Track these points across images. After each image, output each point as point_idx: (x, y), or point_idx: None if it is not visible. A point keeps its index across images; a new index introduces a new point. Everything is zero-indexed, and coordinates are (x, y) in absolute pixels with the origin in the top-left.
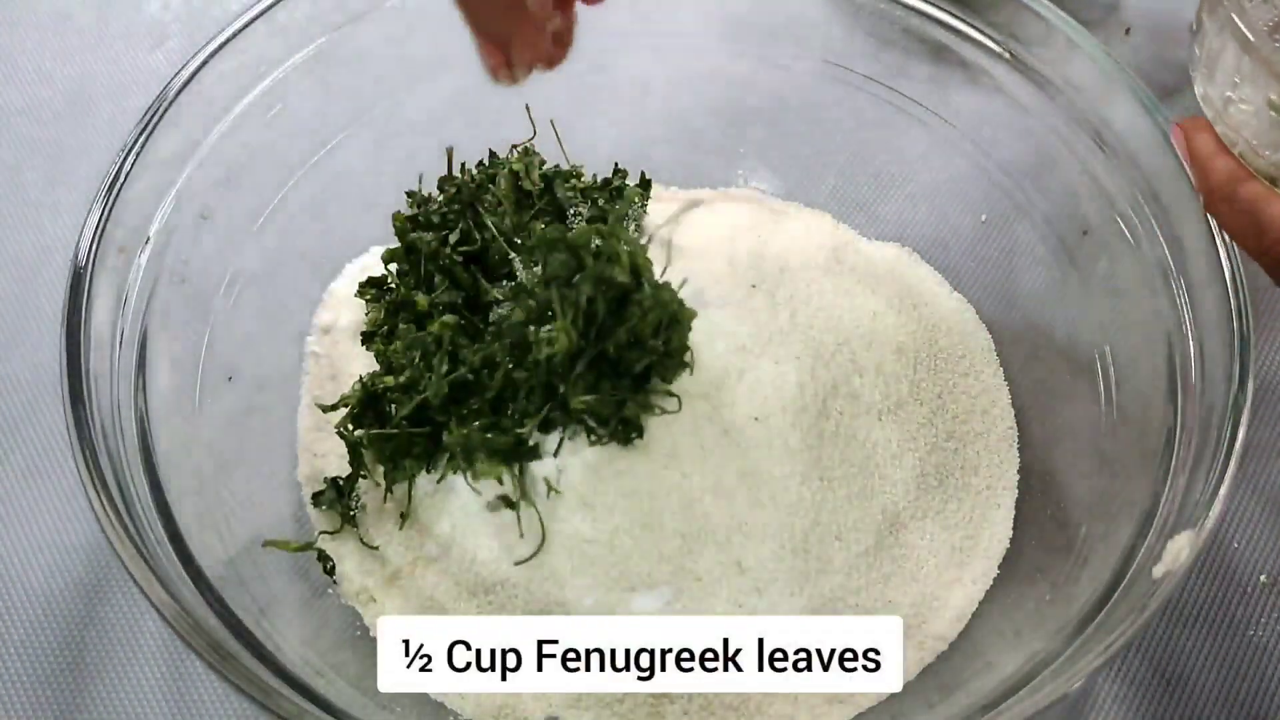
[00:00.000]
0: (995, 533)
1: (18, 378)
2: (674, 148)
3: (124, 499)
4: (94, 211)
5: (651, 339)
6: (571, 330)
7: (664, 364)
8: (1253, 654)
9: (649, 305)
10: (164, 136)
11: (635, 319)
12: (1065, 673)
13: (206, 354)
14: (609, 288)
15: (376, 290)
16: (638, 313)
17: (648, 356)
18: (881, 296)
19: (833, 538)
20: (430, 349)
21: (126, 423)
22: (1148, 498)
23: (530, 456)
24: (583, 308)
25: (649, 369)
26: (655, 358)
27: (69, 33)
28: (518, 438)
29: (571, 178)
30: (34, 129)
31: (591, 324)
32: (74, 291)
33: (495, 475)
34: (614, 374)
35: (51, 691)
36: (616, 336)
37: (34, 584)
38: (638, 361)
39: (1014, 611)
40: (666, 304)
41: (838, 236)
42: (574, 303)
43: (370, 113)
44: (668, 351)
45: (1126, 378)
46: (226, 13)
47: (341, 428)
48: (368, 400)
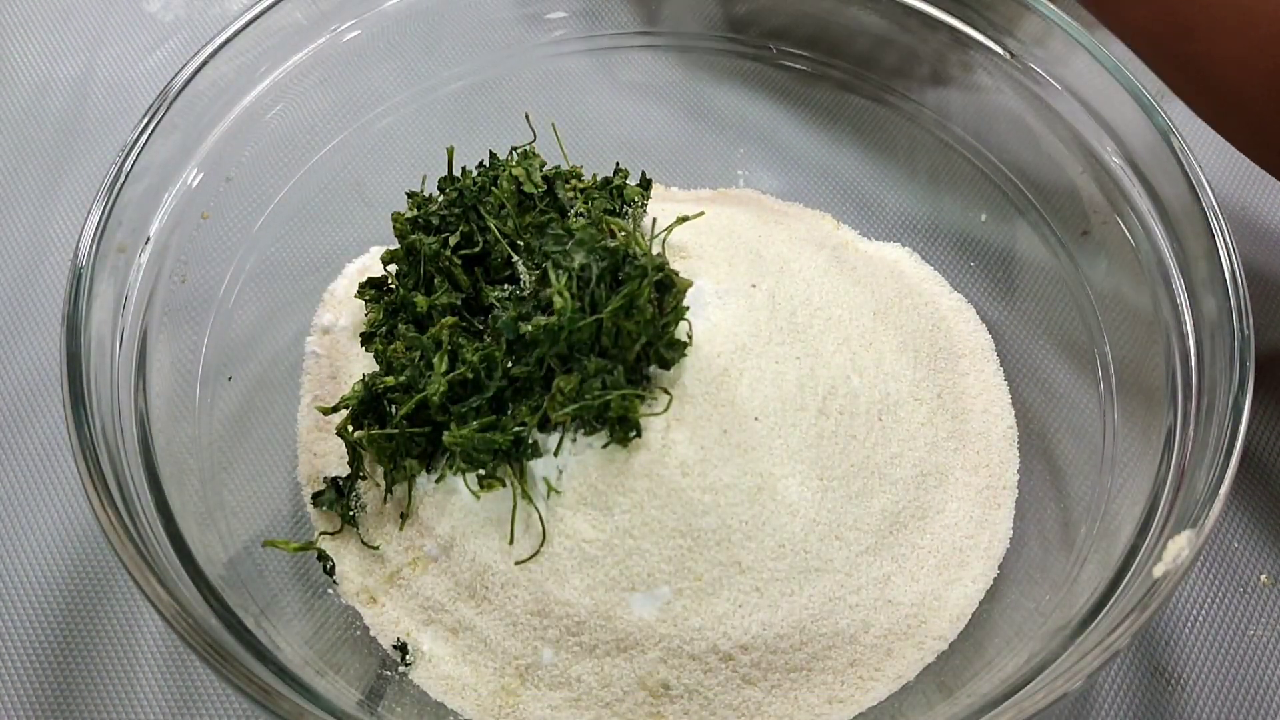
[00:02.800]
0: (995, 533)
1: (18, 378)
2: (674, 148)
3: (124, 499)
4: (94, 211)
5: (650, 309)
6: (566, 293)
7: (662, 347)
8: (1252, 654)
9: (643, 266)
10: (164, 136)
11: (632, 284)
12: (1065, 673)
13: (206, 354)
14: (603, 254)
15: (376, 291)
16: (634, 274)
17: (646, 331)
18: (881, 296)
19: (833, 537)
20: (430, 349)
21: (126, 423)
22: (1148, 498)
23: (530, 455)
24: (576, 271)
25: (648, 352)
26: (653, 333)
27: (69, 33)
28: (517, 436)
29: (572, 178)
30: (34, 129)
31: (586, 288)
32: (74, 291)
33: (495, 488)
34: (611, 358)
35: (51, 691)
36: (613, 303)
37: (34, 584)
38: (636, 337)
39: (1014, 611)
40: (661, 265)
41: (838, 236)
42: (569, 269)
43: (370, 113)
44: (664, 331)
45: (1126, 378)
46: (226, 13)
47: (342, 429)
48: (368, 400)
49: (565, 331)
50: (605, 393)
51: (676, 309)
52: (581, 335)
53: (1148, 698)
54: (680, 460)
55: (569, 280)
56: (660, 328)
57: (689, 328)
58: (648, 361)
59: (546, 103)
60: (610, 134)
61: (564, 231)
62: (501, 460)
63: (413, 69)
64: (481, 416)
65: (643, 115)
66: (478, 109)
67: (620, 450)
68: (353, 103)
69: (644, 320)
